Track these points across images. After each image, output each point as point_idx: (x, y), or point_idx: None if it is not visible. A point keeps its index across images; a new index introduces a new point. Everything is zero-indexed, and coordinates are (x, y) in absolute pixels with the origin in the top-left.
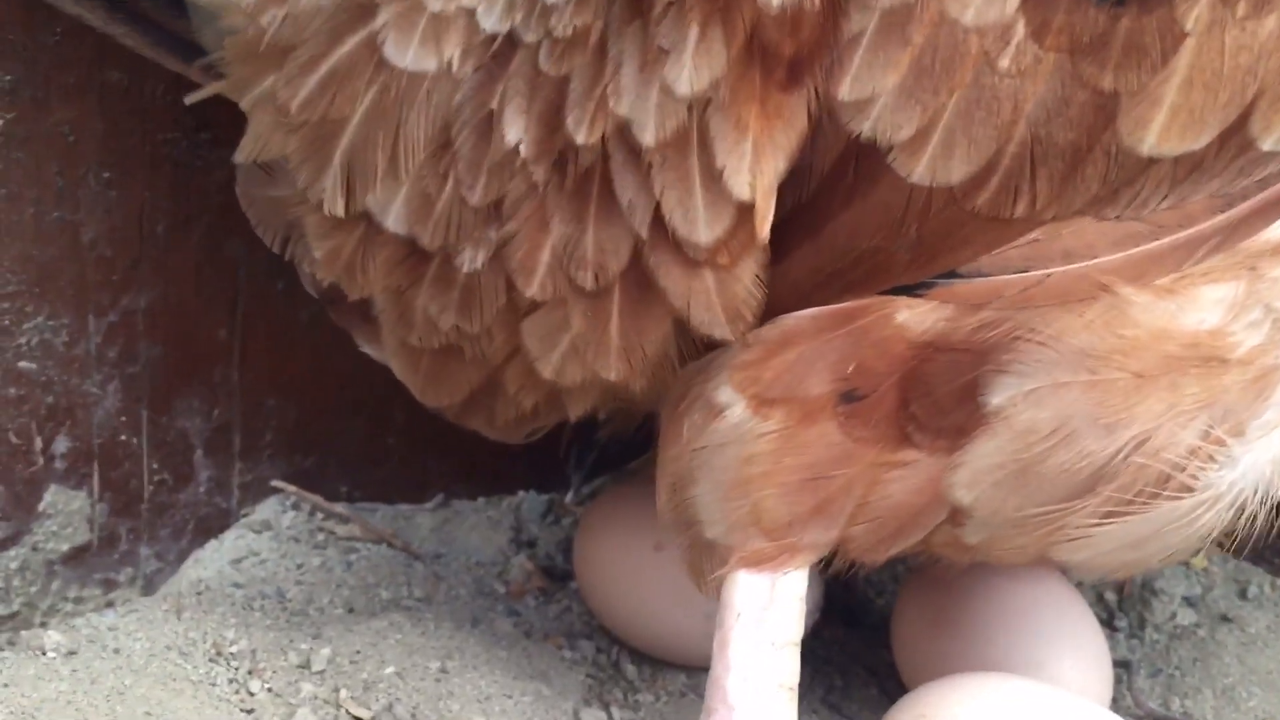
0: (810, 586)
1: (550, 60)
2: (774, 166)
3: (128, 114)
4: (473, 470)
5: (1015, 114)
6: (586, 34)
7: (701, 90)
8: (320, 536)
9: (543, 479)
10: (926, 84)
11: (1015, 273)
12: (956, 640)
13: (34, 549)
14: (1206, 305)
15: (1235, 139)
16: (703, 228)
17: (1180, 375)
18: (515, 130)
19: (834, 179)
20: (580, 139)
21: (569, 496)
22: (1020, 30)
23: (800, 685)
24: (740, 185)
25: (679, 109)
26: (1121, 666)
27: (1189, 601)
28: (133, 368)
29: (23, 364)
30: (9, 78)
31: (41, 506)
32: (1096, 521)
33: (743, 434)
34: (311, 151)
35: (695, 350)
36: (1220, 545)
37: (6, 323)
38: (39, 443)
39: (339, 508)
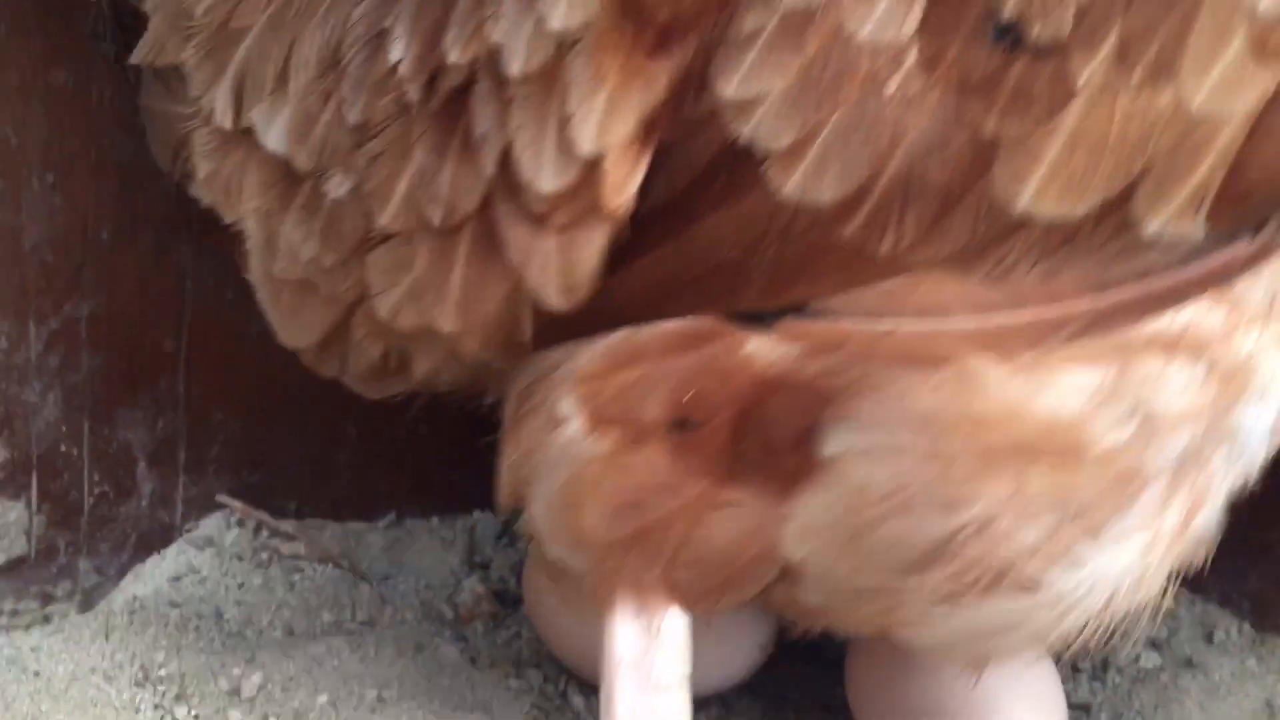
0: (764, 621)
1: None
2: (623, 127)
3: (73, 116)
4: (426, 487)
5: (894, 143)
6: None
7: (572, 28)
8: (265, 555)
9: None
10: (812, 95)
11: (865, 318)
12: (911, 681)
13: None
14: (1067, 390)
15: (1116, 215)
16: (547, 175)
17: (1029, 463)
18: (400, 47)
19: (705, 179)
20: (452, 58)
21: (524, 517)
22: (913, 56)
23: None
24: (585, 137)
25: (548, 44)
26: (1082, 710)
27: (1153, 644)
28: (74, 377)
29: None
30: None
31: None
32: (934, 605)
33: (576, 453)
34: (208, 58)
35: (540, 325)
36: (1185, 584)
37: None
38: None
39: (286, 525)
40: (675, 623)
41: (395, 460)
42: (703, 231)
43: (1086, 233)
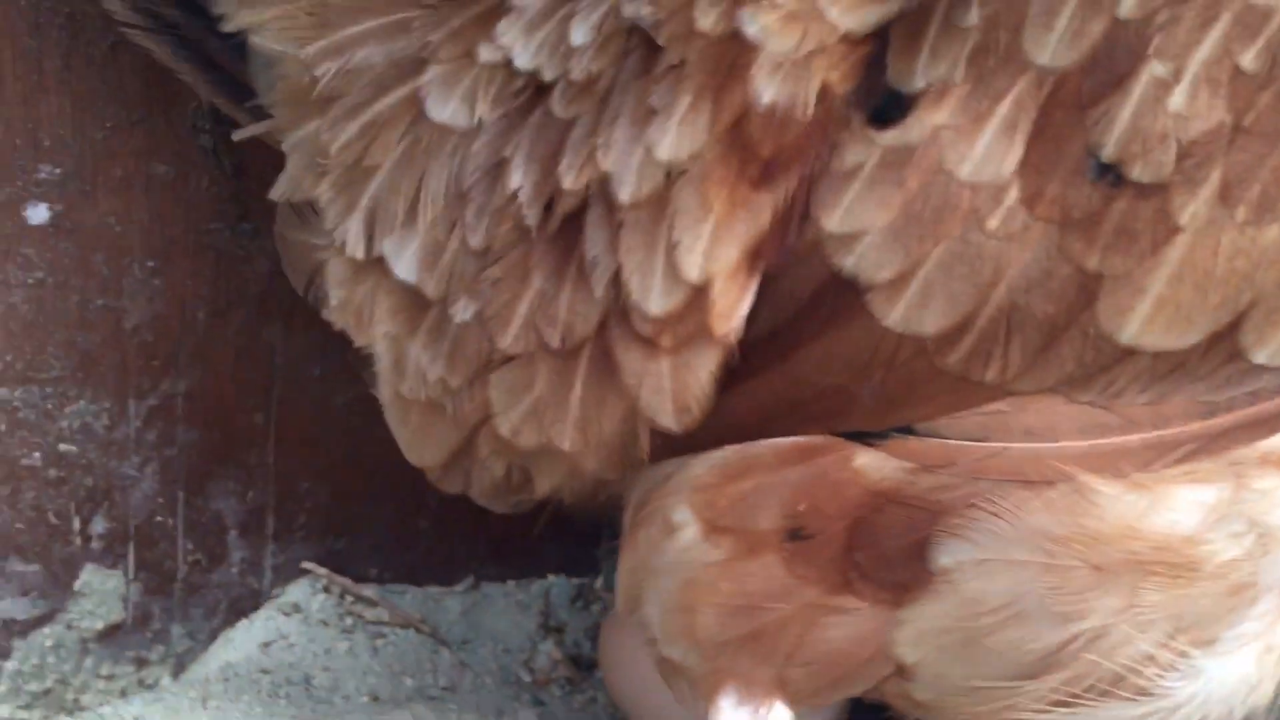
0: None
1: (562, 103)
2: (728, 254)
3: (173, 205)
4: (503, 553)
5: (996, 276)
6: (598, 80)
7: (680, 159)
8: (349, 620)
9: (573, 563)
10: (914, 229)
11: (973, 440)
12: None
13: (68, 627)
14: (1182, 507)
15: (1224, 345)
16: (655, 298)
17: (1144, 578)
18: (518, 175)
19: (810, 308)
20: (567, 184)
21: (599, 582)
22: (1014, 193)
23: None
24: (692, 263)
25: (657, 173)
26: None
27: None
28: (170, 451)
29: (64, 446)
30: (58, 171)
31: (77, 585)
32: (1047, 708)
33: (691, 559)
34: (342, 193)
35: (655, 443)
36: None
37: (49, 407)
38: (77, 523)
39: (368, 591)
40: (780, 715)
41: (472, 527)
42: (809, 357)
43: (1195, 361)
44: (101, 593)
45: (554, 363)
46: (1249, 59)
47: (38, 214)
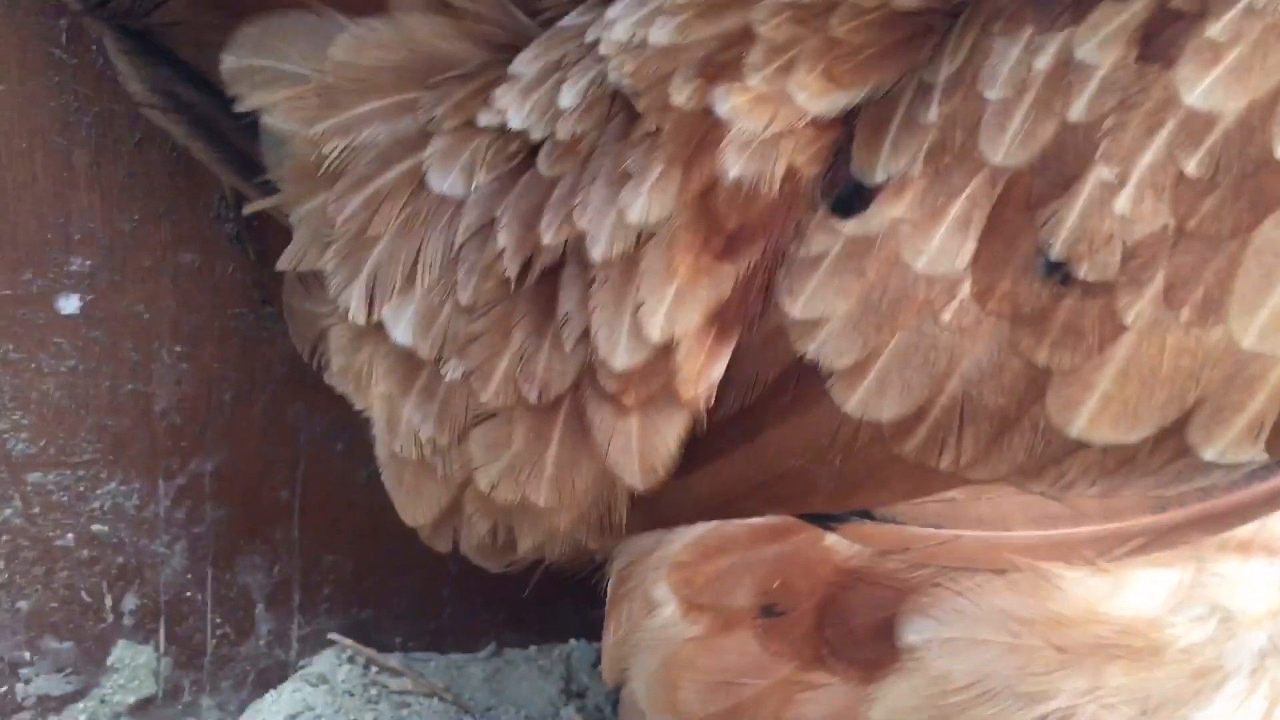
0: None
1: (548, 162)
2: (689, 317)
3: (199, 292)
4: (524, 618)
5: (950, 367)
6: (581, 141)
7: (650, 222)
8: (374, 690)
9: (594, 627)
10: (872, 319)
11: (928, 526)
12: None
13: (102, 701)
14: (1144, 590)
15: (1172, 441)
16: (620, 354)
17: (1107, 661)
18: (505, 233)
19: (775, 392)
20: (546, 240)
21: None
22: (966, 288)
23: None
24: (654, 323)
25: (628, 234)
26: None
27: None
28: (199, 528)
29: (95, 527)
30: (89, 263)
31: (110, 660)
32: None
33: (671, 635)
34: (345, 262)
35: (631, 515)
36: None
37: (82, 489)
38: (109, 600)
39: (393, 660)
40: None
41: (494, 594)
42: (772, 440)
43: (1144, 456)
44: (133, 667)
45: (531, 419)
46: (1192, 165)
47: (69, 304)
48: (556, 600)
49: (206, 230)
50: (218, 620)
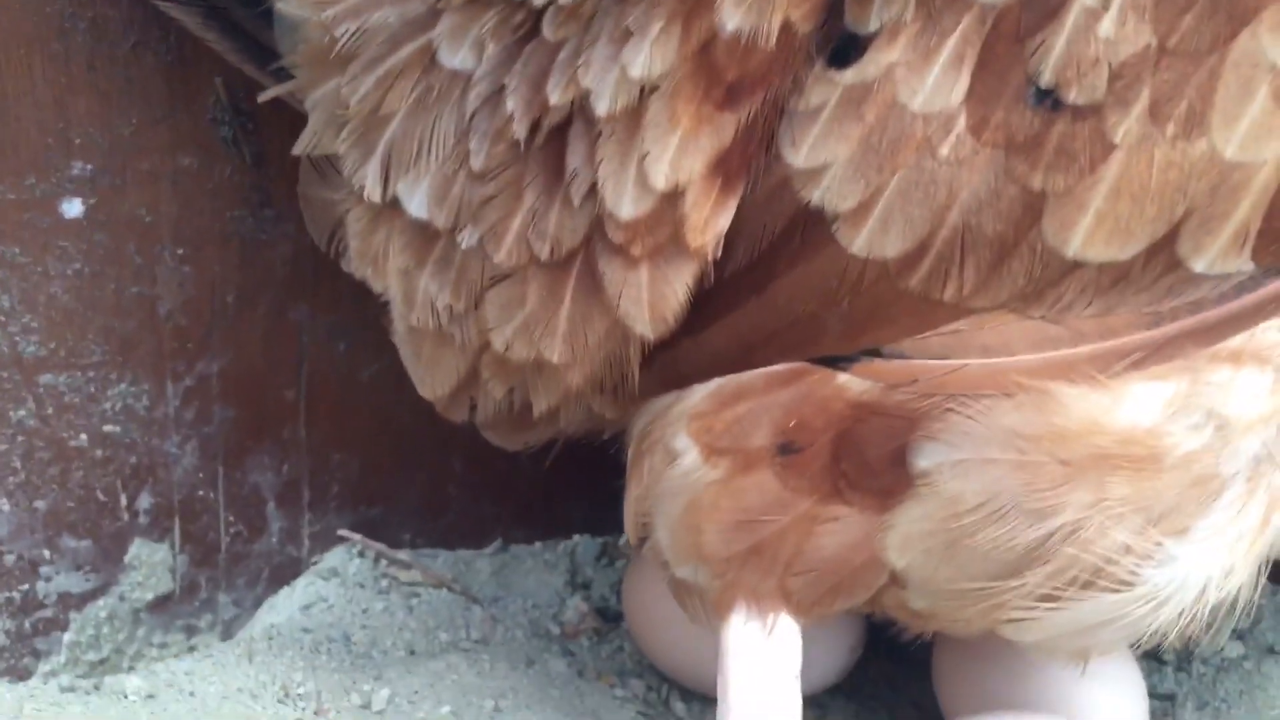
0: (854, 624)
1: (552, 26)
2: (693, 165)
3: (199, 195)
4: (530, 516)
5: (950, 199)
6: (583, 5)
7: (652, 77)
8: (384, 582)
9: (597, 523)
10: (873, 160)
11: (934, 359)
12: (993, 675)
13: (121, 598)
14: (1142, 402)
15: (1163, 255)
16: (627, 204)
17: (1110, 472)
18: (514, 98)
19: (783, 241)
20: (553, 100)
21: (622, 540)
22: (962, 122)
23: None
24: (659, 171)
25: (632, 89)
26: (1168, 699)
27: (1236, 634)
28: (208, 428)
29: (108, 427)
30: (89, 167)
31: (127, 559)
32: (1034, 604)
33: (693, 481)
34: (359, 141)
35: (645, 376)
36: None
37: (92, 390)
38: (124, 500)
39: (402, 555)
40: (788, 626)
41: (500, 491)
42: (782, 289)
43: (1137, 272)
44: (150, 565)
45: (544, 277)
46: None
47: (73, 208)
48: (561, 497)
49: (204, 134)
50: (230, 518)
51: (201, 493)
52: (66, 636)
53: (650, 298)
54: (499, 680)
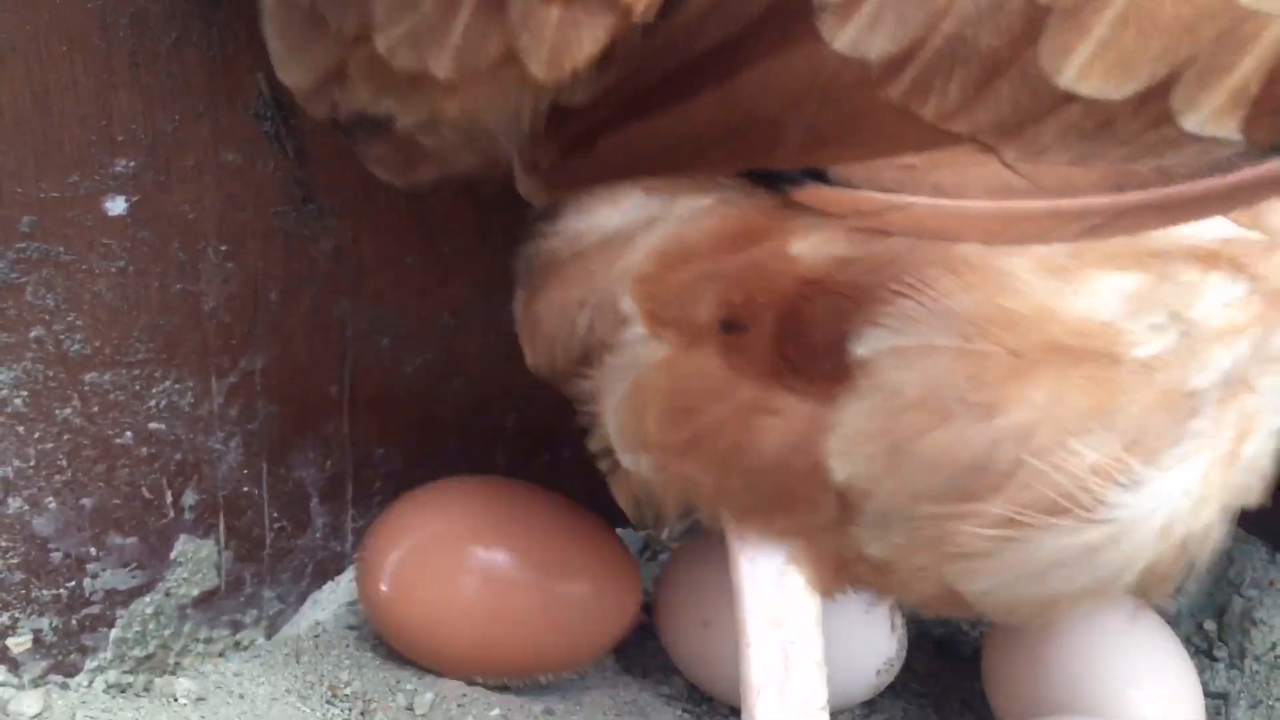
0: (899, 620)
1: None
2: None
3: (242, 191)
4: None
5: (948, 4)
6: None
7: None
8: None
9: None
10: None
11: (883, 192)
12: (1044, 676)
13: (167, 594)
14: (1101, 292)
15: (1155, 104)
16: None
17: (1066, 367)
18: None
19: (760, 26)
20: None
21: (664, 533)
22: None
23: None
24: None
25: None
26: (1220, 698)
27: None
28: (252, 425)
29: (153, 425)
30: (133, 164)
31: (173, 555)
32: (988, 535)
33: (638, 356)
34: None
35: (548, 123)
36: None
37: (137, 388)
38: (169, 496)
39: None
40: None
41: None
42: (749, 83)
43: (1125, 119)
44: (196, 561)
45: None
46: None
47: (116, 206)
48: (604, 490)
49: (246, 129)
50: (274, 514)
51: (246, 489)
52: (113, 633)
53: (555, 38)
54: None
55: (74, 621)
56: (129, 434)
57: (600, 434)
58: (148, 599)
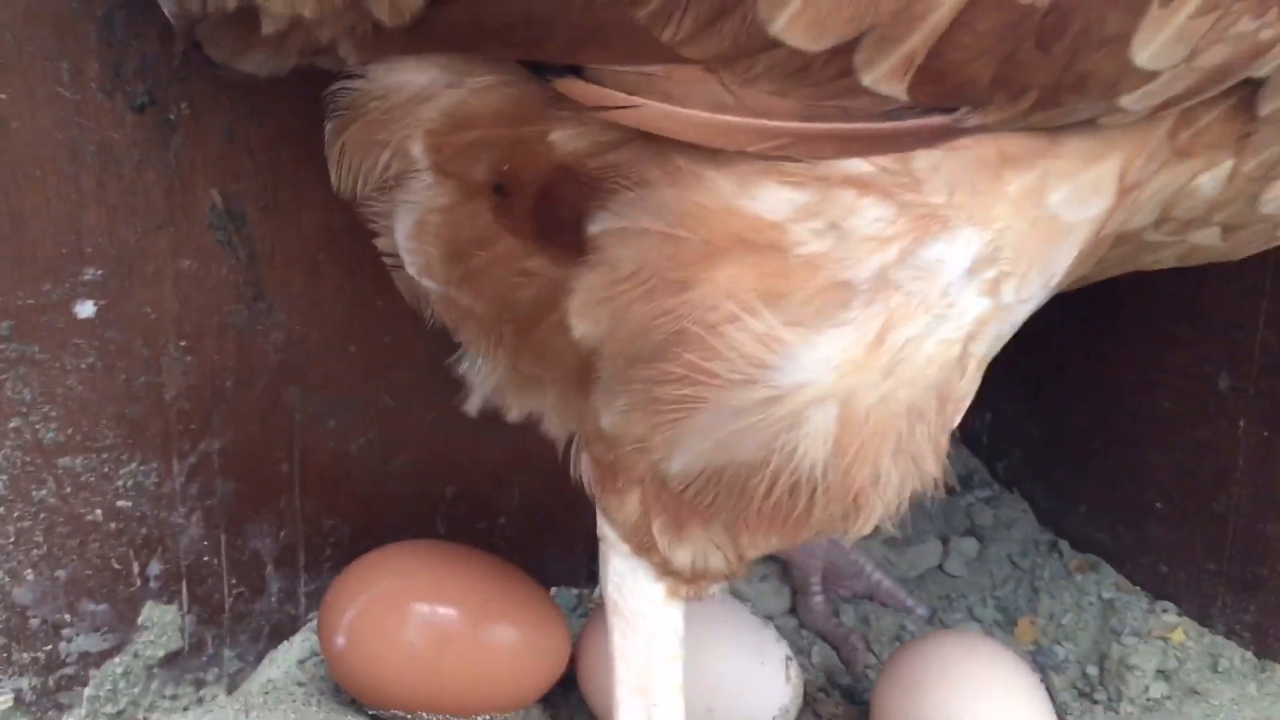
0: (794, 671)
1: None
2: None
3: (198, 293)
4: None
5: None
6: None
7: None
8: None
9: (572, 575)
10: None
11: (624, 93)
12: (925, 709)
13: (135, 655)
14: (774, 200)
15: (842, 59)
16: None
17: (744, 254)
18: None
19: None
20: None
21: (596, 592)
22: None
23: None
24: None
25: None
26: None
27: (1163, 675)
28: (211, 501)
29: (120, 503)
30: (100, 272)
31: (140, 620)
32: (681, 395)
33: (423, 200)
34: None
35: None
36: (1194, 619)
37: (106, 470)
38: (136, 567)
39: None
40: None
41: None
42: None
43: (818, 67)
44: (161, 625)
45: None
46: None
47: (85, 309)
48: (539, 552)
49: (201, 238)
50: (233, 581)
51: (206, 559)
52: (87, 691)
53: None
54: None
55: (51, 681)
56: (99, 511)
57: (390, 244)
58: (118, 660)
